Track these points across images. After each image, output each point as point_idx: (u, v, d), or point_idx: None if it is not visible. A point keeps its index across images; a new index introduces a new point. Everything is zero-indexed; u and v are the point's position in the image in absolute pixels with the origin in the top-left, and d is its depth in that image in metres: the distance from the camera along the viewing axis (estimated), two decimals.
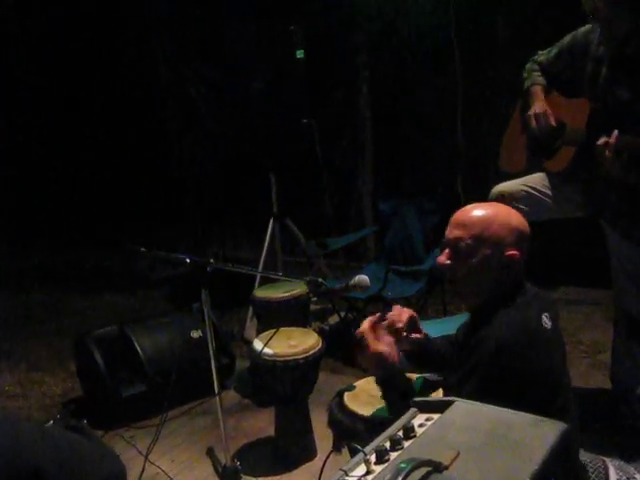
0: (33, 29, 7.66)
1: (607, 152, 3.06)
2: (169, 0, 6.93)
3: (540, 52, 3.77)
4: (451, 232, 2.20)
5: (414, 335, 2.46)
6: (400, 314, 2.43)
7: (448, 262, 2.19)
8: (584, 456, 2.20)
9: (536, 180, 3.64)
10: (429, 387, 2.74)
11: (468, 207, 2.23)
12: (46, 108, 7.80)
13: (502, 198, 3.55)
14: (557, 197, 3.60)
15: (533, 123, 3.57)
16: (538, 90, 3.69)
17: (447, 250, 2.21)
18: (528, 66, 3.80)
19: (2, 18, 7.45)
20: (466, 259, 2.15)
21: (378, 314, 2.40)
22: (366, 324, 2.35)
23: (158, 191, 7.52)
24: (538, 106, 3.60)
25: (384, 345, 2.28)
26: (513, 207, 3.44)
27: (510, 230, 2.14)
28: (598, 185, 3.45)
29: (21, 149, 8.01)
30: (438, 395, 2.54)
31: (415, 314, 2.49)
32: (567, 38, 3.61)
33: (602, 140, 3.07)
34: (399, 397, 2.22)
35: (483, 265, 2.13)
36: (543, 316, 2.12)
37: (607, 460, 2.29)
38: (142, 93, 7.35)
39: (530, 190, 3.59)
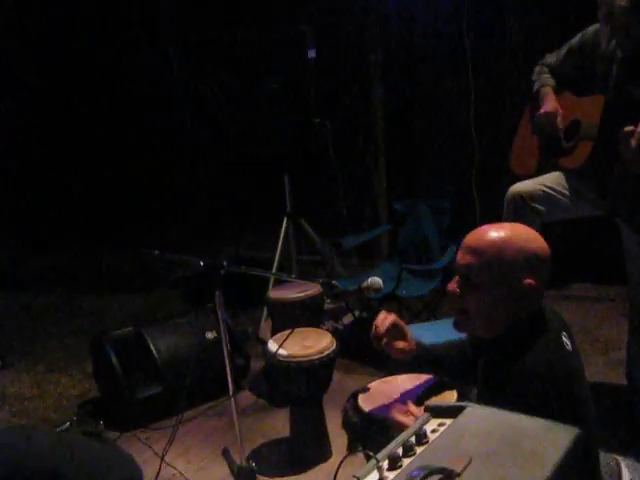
0: (37, 28, 7.67)
1: (633, 141, 3.04)
2: (182, 1, 6.96)
3: (548, 55, 3.78)
4: (462, 258, 2.03)
5: (398, 343, 2.37)
6: (383, 320, 2.34)
7: (457, 290, 2.05)
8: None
9: (553, 179, 3.63)
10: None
11: (481, 229, 2.05)
12: (58, 107, 7.83)
13: (520, 199, 3.55)
14: (574, 196, 3.59)
15: (544, 121, 3.57)
16: (548, 90, 3.70)
17: (457, 277, 2.06)
18: (537, 69, 3.81)
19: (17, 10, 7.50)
20: (478, 290, 1.99)
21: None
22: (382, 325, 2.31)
23: (173, 191, 7.55)
24: (548, 105, 3.60)
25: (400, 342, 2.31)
26: (530, 207, 3.51)
27: (527, 256, 1.96)
28: (614, 182, 3.45)
29: (34, 149, 8.04)
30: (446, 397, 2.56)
31: (399, 322, 2.36)
32: (576, 38, 3.62)
33: (628, 128, 3.05)
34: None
35: (497, 297, 1.97)
36: (563, 337, 1.99)
37: (620, 459, 2.29)
38: (156, 93, 7.37)
39: (547, 190, 3.59)
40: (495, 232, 2.00)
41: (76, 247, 7.75)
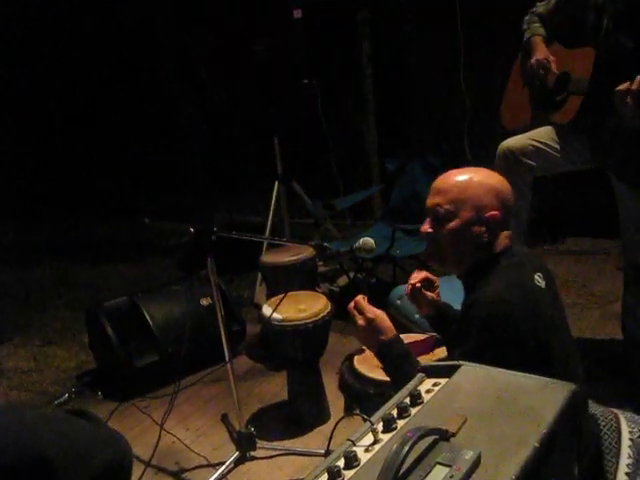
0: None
1: (629, 99, 3.00)
2: None
3: (539, 4, 3.73)
4: (430, 199, 2.21)
5: (429, 294, 2.52)
6: (418, 274, 2.51)
7: (430, 230, 2.21)
8: (595, 409, 2.17)
9: (543, 134, 3.60)
10: None
11: (446, 173, 2.25)
12: (44, 76, 7.76)
13: (511, 154, 3.53)
14: (565, 150, 3.56)
15: (536, 67, 3.53)
16: (539, 40, 3.65)
17: (428, 218, 2.22)
18: (527, 18, 3.76)
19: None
20: (446, 224, 2.15)
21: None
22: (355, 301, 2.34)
23: (162, 158, 7.50)
24: (540, 53, 3.56)
25: (374, 313, 2.28)
26: (521, 162, 3.49)
27: (488, 191, 2.14)
28: (605, 136, 3.41)
29: (23, 122, 7.99)
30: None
31: (430, 276, 2.53)
32: None
33: (624, 85, 3.00)
34: (400, 365, 2.20)
35: (464, 228, 2.14)
36: (536, 275, 2.12)
37: (619, 412, 2.27)
38: (143, 59, 7.29)
39: (538, 144, 3.56)
40: (459, 174, 2.21)
41: (67, 218, 7.70)
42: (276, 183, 5.39)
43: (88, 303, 4.70)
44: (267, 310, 3.55)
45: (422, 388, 1.53)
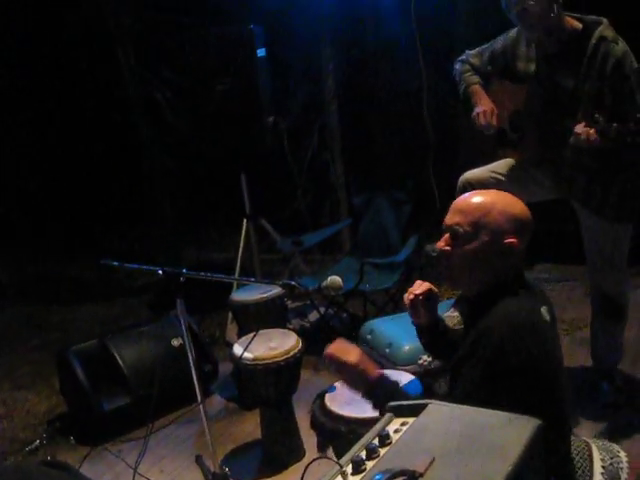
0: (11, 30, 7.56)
1: (585, 141, 3.09)
2: (130, 9, 6.87)
3: (468, 52, 3.81)
4: (450, 218, 2.18)
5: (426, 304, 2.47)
6: (422, 285, 2.46)
7: (447, 248, 2.18)
8: None
9: (504, 166, 3.66)
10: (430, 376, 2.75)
11: (469, 194, 2.23)
12: (6, 117, 7.72)
13: (470, 187, 3.57)
14: (527, 182, 3.62)
15: (480, 122, 3.58)
16: (478, 88, 3.73)
17: (446, 236, 2.19)
18: (458, 67, 3.85)
19: None
20: (464, 245, 2.13)
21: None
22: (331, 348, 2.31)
23: (129, 197, 7.48)
24: (482, 104, 3.63)
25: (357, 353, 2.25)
26: None
27: (510, 218, 2.12)
28: (567, 168, 3.48)
29: None
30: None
31: (435, 290, 2.48)
32: (498, 43, 3.70)
33: (578, 130, 3.10)
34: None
35: (480, 252, 2.12)
36: (542, 309, 2.12)
37: (590, 441, 2.30)
38: (108, 100, 7.29)
39: (499, 177, 3.61)
40: (482, 196, 2.19)
41: (36, 259, 7.64)
42: (245, 220, 5.40)
43: (58, 345, 4.68)
44: (238, 349, 3.55)
45: (390, 428, 1.55)
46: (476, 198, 2.18)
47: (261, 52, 5.11)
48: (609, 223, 3.51)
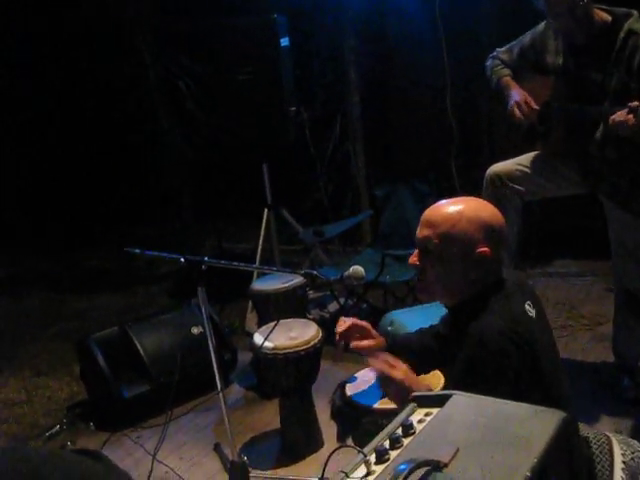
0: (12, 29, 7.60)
1: (630, 125, 3.06)
2: None
3: (499, 49, 3.80)
4: (420, 232, 2.14)
5: (363, 343, 2.47)
6: (341, 325, 2.47)
7: (417, 263, 2.15)
8: (587, 431, 2.18)
9: (531, 160, 3.64)
10: None
11: (436, 204, 2.17)
12: (31, 108, 7.75)
13: (498, 179, 3.56)
14: (553, 175, 3.60)
15: (517, 113, 3.56)
16: (509, 80, 3.70)
17: (417, 250, 2.16)
18: (489, 63, 3.84)
19: None
20: (435, 259, 2.10)
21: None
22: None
23: (153, 187, 7.50)
24: (517, 95, 3.60)
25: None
26: (510, 187, 3.53)
27: (479, 226, 2.06)
28: (593, 163, 3.45)
29: (8, 150, 7.97)
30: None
31: (358, 322, 2.49)
32: (526, 37, 3.69)
33: (617, 116, 3.07)
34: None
35: (453, 265, 2.08)
36: (526, 305, 2.09)
37: (611, 435, 2.28)
38: (131, 91, 7.31)
39: (526, 170, 3.60)
40: (449, 205, 2.12)
41: (56, 248, 7.67)
42: (265, 210, 5.40)
43: (78, 334, 4.70)
44: (258, 339, 3.56)
45: (414, 418, 1.54)
46: (444, 209, 2.12)
47: (284, 42, 5.11)
48: (634, 217, 3.48)
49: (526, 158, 3.64)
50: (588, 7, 3.23)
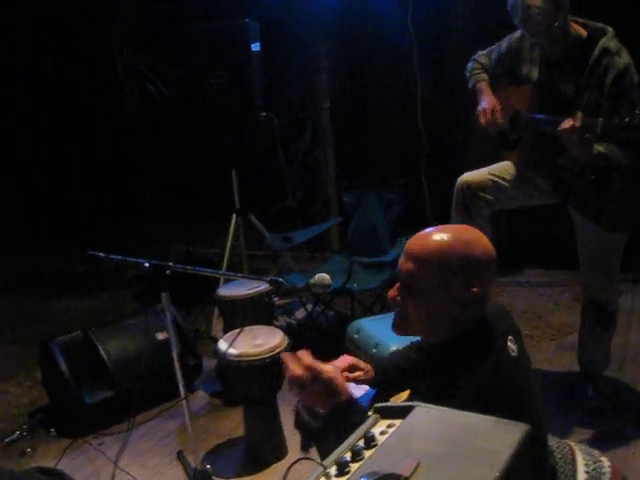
0: None
1: (573, 136, 3.04)
2: (125, 2, 6.85)
3: (481, 53, 3.81)
4: (404, 264, 1.93)
5: (357, 374, 2.34)
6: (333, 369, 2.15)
7: (398, 298, 1.96)
8: (551, 441, 2.17)
9: (502, 169, 3.64)
10: None
11: (423, 235, 1.95)
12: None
13: (468, 189, 3.55)
14: (525, 186, 3.61)
15: (482, 120, 3.57)
16: (484, 86, 3.72)
17: (399, 284, 1.97)
18: (469, 65, 3.86)
19: None
20: (418, 297, 1.90)
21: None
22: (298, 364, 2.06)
23: (121, 190, 7.44)
24: (486, 102, 3.62)
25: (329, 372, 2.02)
26: (479, 197, 3.52)
27: (469, 265, 1.87)
28: (563, 173, 3.46)
29: None
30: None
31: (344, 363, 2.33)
32: (504, 44, 3.70)
33: (566, 124, 3.05)
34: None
35: (438, 305, 1.89)
36: (508, 342, 1.92)
37: (574, 445, 2.28)
38: (100, 92, 7.25)
39: (497, 179, 3.59)
40: (438, 238, 1.91)
41: (20, 249, 7.57)
42: (234, 216, 5.37)
43: (42, 337, 4.61)
44: (223, 345, 3.53)
45: (376, 430, 1.51)
46: (431, 242, 1.90)
47: (256, 47, 5.09)
48: (604, 231, 3.49)
49: (498, 167, 3.64)
50: (564, 24, 3.24)
